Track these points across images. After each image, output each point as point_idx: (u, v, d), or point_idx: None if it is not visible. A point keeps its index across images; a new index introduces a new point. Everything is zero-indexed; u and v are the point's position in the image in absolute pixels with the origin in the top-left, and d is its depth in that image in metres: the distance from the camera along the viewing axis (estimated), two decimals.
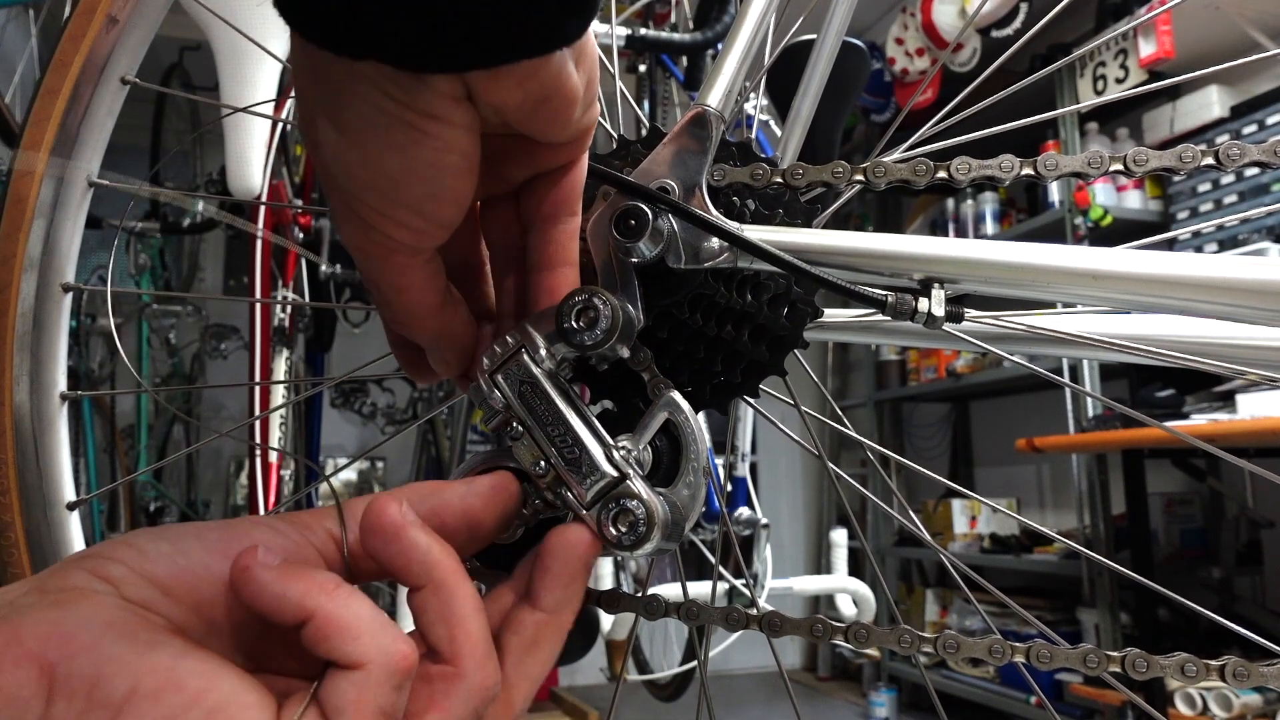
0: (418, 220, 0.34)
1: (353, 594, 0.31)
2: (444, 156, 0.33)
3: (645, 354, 0.43)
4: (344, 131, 0.33)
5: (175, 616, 0.30)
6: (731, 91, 0.46)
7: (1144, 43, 2.79)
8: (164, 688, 0.27)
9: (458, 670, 0.32)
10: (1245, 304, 0.40)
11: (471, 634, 0.33)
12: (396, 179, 0.33)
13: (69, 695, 0.27)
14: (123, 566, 0.30)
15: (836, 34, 0.64)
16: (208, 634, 0.31)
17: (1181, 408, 2.45)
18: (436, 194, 0.34)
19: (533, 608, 0.36)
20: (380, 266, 0.36)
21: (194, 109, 3.13)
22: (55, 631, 0.27)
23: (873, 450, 0.61)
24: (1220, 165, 0.42)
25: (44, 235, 0.59)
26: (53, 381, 0.59)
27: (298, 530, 0.33)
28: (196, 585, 0.30)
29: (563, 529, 0.37)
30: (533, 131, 0.36)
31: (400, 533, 0.32)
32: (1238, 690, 2.32)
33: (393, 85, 0.31)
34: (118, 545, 0.31)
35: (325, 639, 0.29)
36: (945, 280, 0.42)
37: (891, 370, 3.98)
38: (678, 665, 2.15)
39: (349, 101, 0.32)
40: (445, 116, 0.32)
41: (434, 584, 0.32)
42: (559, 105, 0.34)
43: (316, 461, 2.39)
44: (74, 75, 0.59)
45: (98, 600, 0.29)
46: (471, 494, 0.36)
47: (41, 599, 0.29)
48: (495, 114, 0.34)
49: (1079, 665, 0.42)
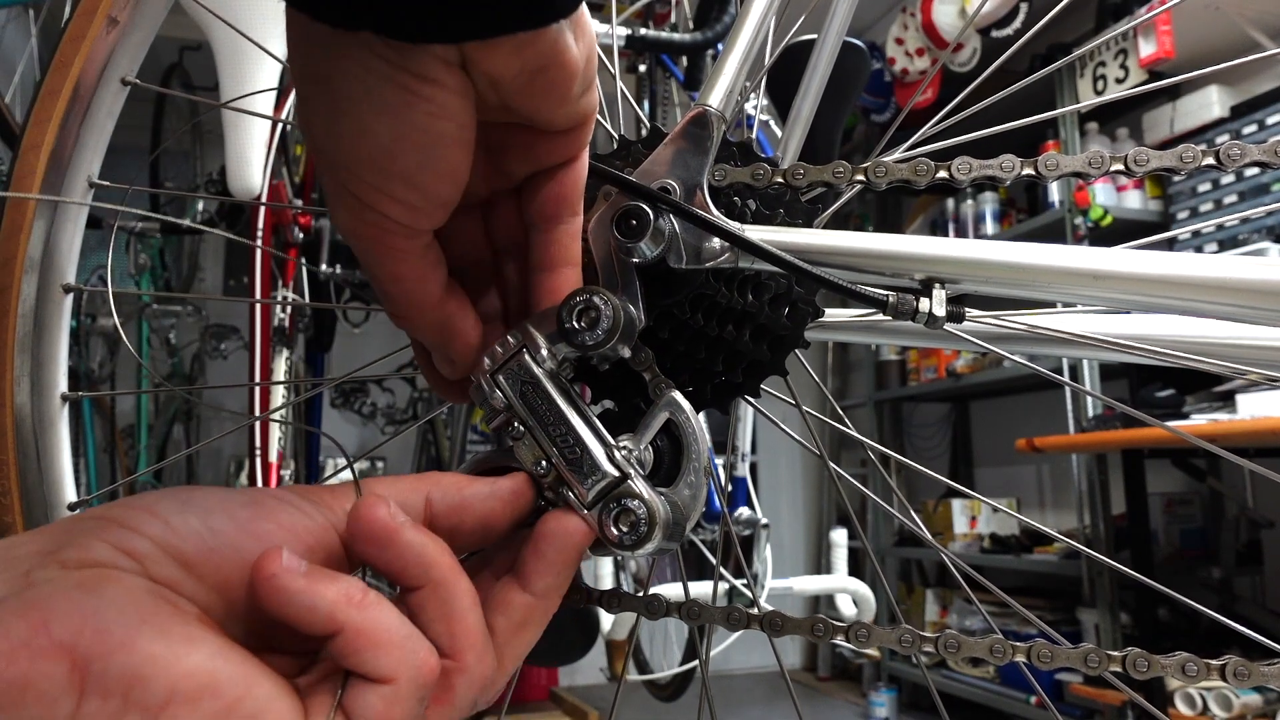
0: (412, 194, 0.34)
1: (380, 604, 0.30)
2: (437, 122, 0.33)
3: (646, 354, 0.43)
4: (337, 101, 0.32)
5: (199, 597, 0.29)
6: (733, 91, 0.46)
7: (1144, 43, 2.79)
8: (203, 692, 0.27)
9: (459, 665, 0.32)
10: (1246, 304, 0.40)
11: (471, 629, 0.33)
12: (389, 147, 0.32)
13: (104, 694, 0.26)
14: (148, 541, 0.29)
15: (837, 34, 0.64)
16: (227, 615, 0.30)
17: (1181, 408, 2.45)
18: (431, 164, 0.33)
19: (522, 589, 0.35)
20: (377, 252, 0.35)
21: (194, 109, 3.13)
22: (88, 623, 0.26)
23: (873, 450, 0.61)
24: (1221, 165, 0.42)
25: (44, 236, 0.59)
26: (53, 382, 0.59)
27: (319, 510, 0.33)
28: (221, 565, 0.30)
29: (558, 516, 0.37)
30: (530, 108, 0.35)
31: (394, 537, 0.32)
32: (1238, 690, 2.32)
33: (387, 49, 0.31)
34: (140, 514, 0.29)
35: (354, 653, 0.29)
36: (946, 280, 0.42)
37: (891, 370, 3.98)
38: (678, 665, 2.15)
39: (343, 69, 0.32)
40: (439, 79, 0.32)
41: (432, 584, 0.32)
42: (556, 77, 0.34)
43: (316, 462, 2.39)
44: (74, 76, 0.59)
45: (127, 584, 0.28)
46: (494, 497, 0.36)
47: (64, 576, 0.27)
48: (491, 87, 0.33)
49: (1080, 665, 0.42)
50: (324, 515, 0.33)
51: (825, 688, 4.06)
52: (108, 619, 0.26)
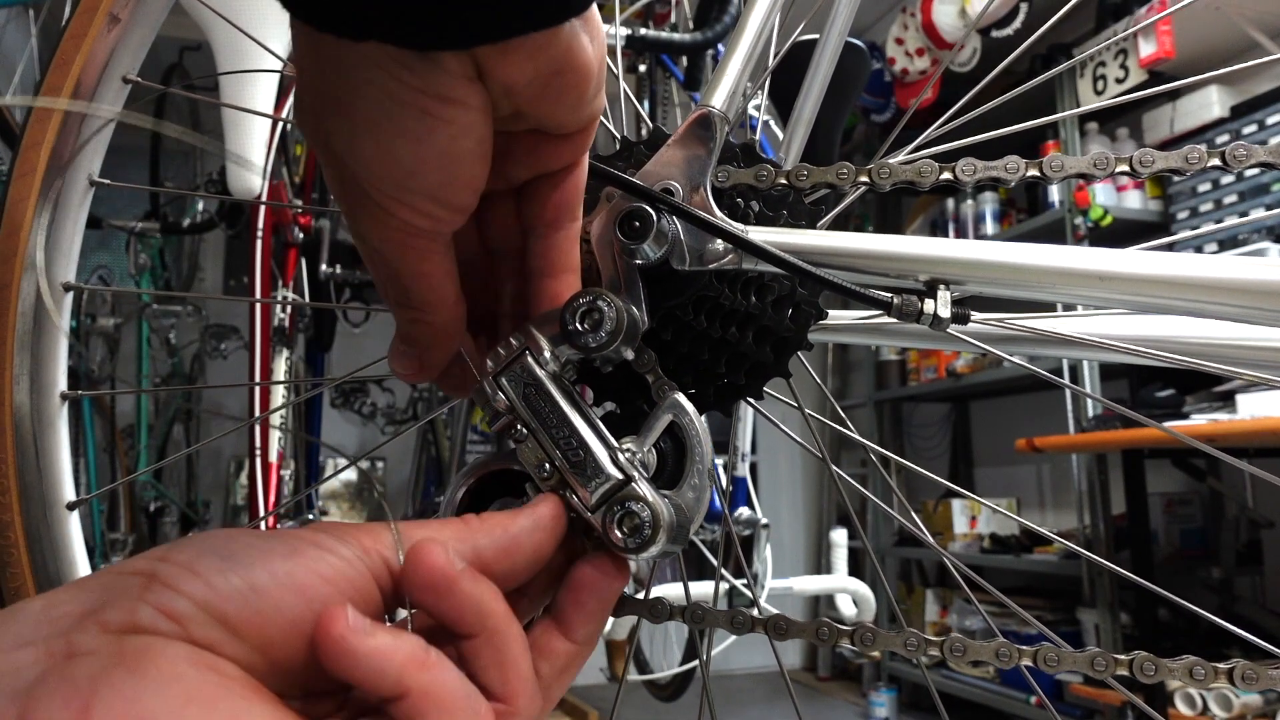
0: (436, 207, 0.34)
1: (442, 665, 0.30)
2: (460, 142, 0.32)
3: (649, 356, 0.43)
4: (356, 122, 0.32)
5: (241, 657, 0.28)
6: (736, 92, 0.46)
7: (1144, 43, 2.79)
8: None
9: (512, 709, 0.32)
10: (1252, 305, 0.40)
11: (524, 676, 0.33)
12: (413, 168, 0.32)
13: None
14: (190, 602, 0.28)
15: (839, 34, 0.64)
16: (269, 671, 0.29)
17: (1181, 408, 2.45)
18: (454, 180, 0.33)
19: (565, 638, 0.36)
20: (401, 254, 0.35)
21: (194, 109, 3.12)
22: (131, 710, 0.25)
23: (873, 450, 0.61)
24: (1227, 166, 0.42)
25: (44, 234, 0.58)
26: (53, 381, 0.59)
27: (355, 552, 0.32)
28: (264, 625, 0.29)
29: (596, 564, 0.36)
30: (543, 113, 0.35)
31: (453, 586, 0.31)
32: (1241, 691, 2.32)
33: (403, 70, 0.30)
34: (181, 573, 0.29)
35: (419, 716, 0.29)
36: (951, 282, 0.42)
37: (891, 370, 3.98)
38: (678, 665, 2.15)
39: (360, 90, 0.31)
40: (460, 99, 0.31)
41: (487, 632, 0.32)
42: (572, 80, 0.34)
43: (316, 463, 2.38)
44: (75, 74, 0.59)
45: (170, 656, 0.27)
46: (539, 529, 0.36)
47: (106, 645, 0.26)
48: (505, 95, 0.33)
49: (1087, 669, 0.42)
50: (360, 558, 0.32)
51: (825, 688, 4.06)
52: (151, 705, 0.25)
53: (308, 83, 0.33)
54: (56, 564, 0.57)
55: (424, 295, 0.37)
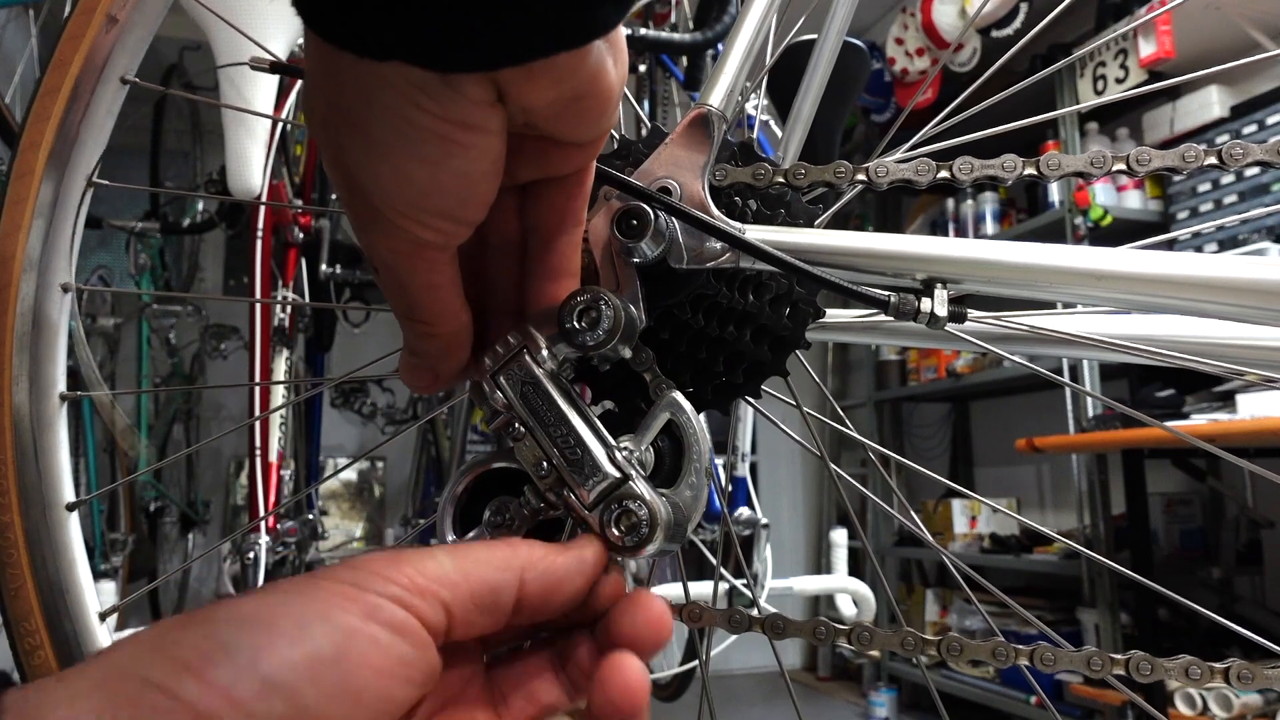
0: (447, 223, 0.34)
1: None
2: (477, 165, 0.32)
3: (647, 354, 0.43)
4: (371, 141, 0.31)
5: None
6: (733, 91, 0.46)
7: (1144, 43, 2.79)
8: None
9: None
10: (1250, 304, 0.40)
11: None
12: (427, 189, 0.32)
13: None
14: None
15: (838, 34, 0.64)
16: None
17: (1181, 408, 2.45)
18: (468, 200, 0.33)
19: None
20: (411, 266, 0.35)
21: (194, 109, 3.13)
22: None
23: (873, 450, 0.61)
24: (1224, 165, 0.42)
25: (44, 235, 0.58)
26: (52, 381, 0.59)
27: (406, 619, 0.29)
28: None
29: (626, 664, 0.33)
30: (557, 131, 0.34)
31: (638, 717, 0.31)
32: (1239, 690, 2.32)
33: (422, 94, 0.29)
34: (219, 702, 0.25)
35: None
36: (948, 280, 0.42)
37: (891, 370, 3.98)
38: (678, 665, 2.15)
39: (377, 113, 0.30)
40: (480, 125, 0.31)
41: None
42: (592, 104, 0.33)
43: (316, 463, 2.38)
44: (74, 74, 0.59)
45: None
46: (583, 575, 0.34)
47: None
48: (522, 113, 0.32)
49: (1083, 668, 0.42)
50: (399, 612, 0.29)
51: (825, 688, 4.06)
52: None
53: (321, 94, 0.32)
54: (56, 564, 0.57)
55: (431, 308, 0.37)
